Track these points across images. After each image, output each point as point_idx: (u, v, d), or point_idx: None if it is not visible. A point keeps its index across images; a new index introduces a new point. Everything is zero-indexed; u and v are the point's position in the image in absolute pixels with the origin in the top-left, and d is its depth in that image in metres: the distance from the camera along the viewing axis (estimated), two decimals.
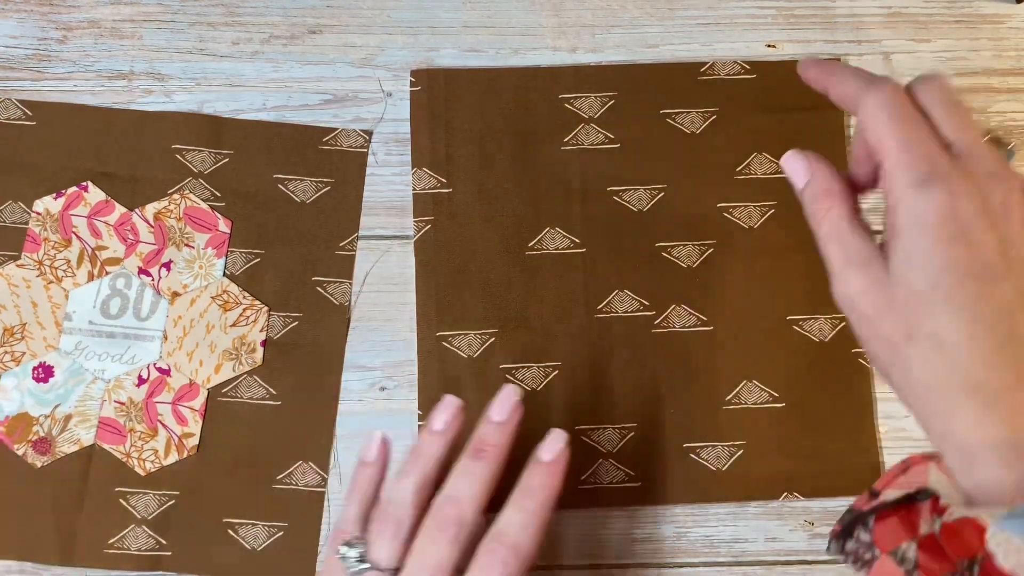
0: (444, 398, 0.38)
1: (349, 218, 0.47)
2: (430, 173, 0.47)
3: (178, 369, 0.45)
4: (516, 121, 0.48)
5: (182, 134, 0.47)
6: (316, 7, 0.50)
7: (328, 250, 0.47)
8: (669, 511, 0.44)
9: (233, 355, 0.45)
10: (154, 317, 0.45)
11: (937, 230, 0.30)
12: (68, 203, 0.47)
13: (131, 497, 0.44)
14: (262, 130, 0.48)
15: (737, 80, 0.49)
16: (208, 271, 0.46)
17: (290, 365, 0.45)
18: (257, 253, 0.46)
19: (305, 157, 0.47)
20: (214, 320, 0.45)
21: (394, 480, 0.36)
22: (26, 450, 0.44)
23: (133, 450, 0.44)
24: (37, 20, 0.49)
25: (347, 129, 0.48)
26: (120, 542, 0.43)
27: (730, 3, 0.50)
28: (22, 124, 0.47)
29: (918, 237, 0.31)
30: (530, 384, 0.45)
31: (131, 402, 0.44)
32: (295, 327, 0.46)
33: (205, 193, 0.47)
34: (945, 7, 0.50)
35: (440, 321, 0.46)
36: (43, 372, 0.45)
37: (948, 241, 0.30)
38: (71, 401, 0.44)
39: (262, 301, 0.46)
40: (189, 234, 0.46)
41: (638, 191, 0.47)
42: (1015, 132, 0.49)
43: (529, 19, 0.50)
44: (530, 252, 0.47)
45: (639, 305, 0.46)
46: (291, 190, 0.47)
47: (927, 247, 0.30)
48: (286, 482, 0.44)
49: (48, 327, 0.45)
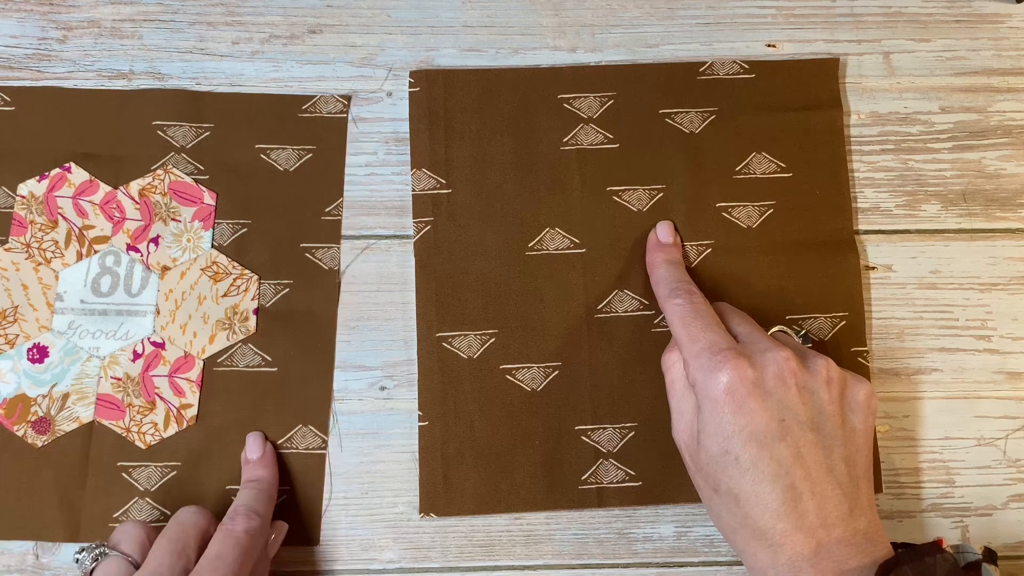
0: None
1: (333, 183, 0.47)
2: (429, 174, 0.47)
3: (172, 342, 0.45)
4: (515, 121, 0.48)
5: (162, 110, 0.48)
6: (316, 7, 0.50)
7: (315, 216, 0.47)
8: (669, 511, 0.44)
9: (226, 325, 0.45)
10: (145, 292, 0.46)
11: (722, 404, 0.37)
12: (52, 185, 0.47)
13: (133, 471, 0.44)
14: (241, 102, 0.48)
15: (736, 80, 0.49)
16: (196, 244, 0.46)
17: (284, 331, 0.45)
18: (244, 223, 0.47)
19: (285, 126, 0.48)
20: (205, 291, 0.46)
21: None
22: (26, 430, 0.44)
23: (132, 424, 0.44)
24: (37, 20, 0.49)
25: (326, 95, 0.48)
26: (125, 515, 0.43)
27: (730, 3, 0.50)
28: (1, 110, 0.47)
29: (709, 411, 0.38)
30: (530, 384, 0.45)
31: (127, 377, 0.45)
32: (286, 294, 0.46)
33: (189, 167, 0.47)
34: (945, 7, 0.50)
35: (440, 322, 0.46)
36: (38, 353, 0.45)
37: (732, 412, 0.37)
38: (68, 380, 0.45)
39: (252, 270, 0.46)
40: (175, 208, 0.47)
41: (637, 191, 0.47)
42: (1015, 132, 0.49)
43: (529, 19, 0.50)
44: (530, 252, 0.47)
45: (639, 305, 0.46)
46: (273, 159, 0.47)
47: (716, 418, 0.38)
48: (287, 446, 0.44)
49: (40, 308, 0.45)
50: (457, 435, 0.44)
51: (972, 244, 0.47)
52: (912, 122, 0.49)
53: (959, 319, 0.47)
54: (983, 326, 0.46)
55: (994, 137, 0.49)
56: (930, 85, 0.49)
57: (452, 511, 0.43)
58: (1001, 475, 0.45)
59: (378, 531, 0.44)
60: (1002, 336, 0.46)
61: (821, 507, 0.36)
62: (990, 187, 0.48)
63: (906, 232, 0.47)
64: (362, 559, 0.44)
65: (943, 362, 0.46)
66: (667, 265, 0.45)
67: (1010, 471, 0.45)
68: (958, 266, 0.47)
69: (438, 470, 0.44)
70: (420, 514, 0.44)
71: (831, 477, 0.37)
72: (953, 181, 0.48)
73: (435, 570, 0.43)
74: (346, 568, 0.44)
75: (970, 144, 0.49)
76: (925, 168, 0.48)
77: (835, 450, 0.38)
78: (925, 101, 0.49)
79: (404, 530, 0.44)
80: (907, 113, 0.49)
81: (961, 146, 0.49)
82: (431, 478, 0.44)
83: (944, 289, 0.47)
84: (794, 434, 0.37)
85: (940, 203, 0.48)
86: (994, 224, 0.48)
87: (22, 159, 0.47)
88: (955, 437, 0.45)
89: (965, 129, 0.49)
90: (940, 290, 0.47)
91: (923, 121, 0.49)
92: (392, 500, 0.44)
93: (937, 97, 0.49)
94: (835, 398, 0.38)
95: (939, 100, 0.49)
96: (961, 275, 0.47)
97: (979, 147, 0.48)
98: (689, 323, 0.41)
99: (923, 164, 0.48)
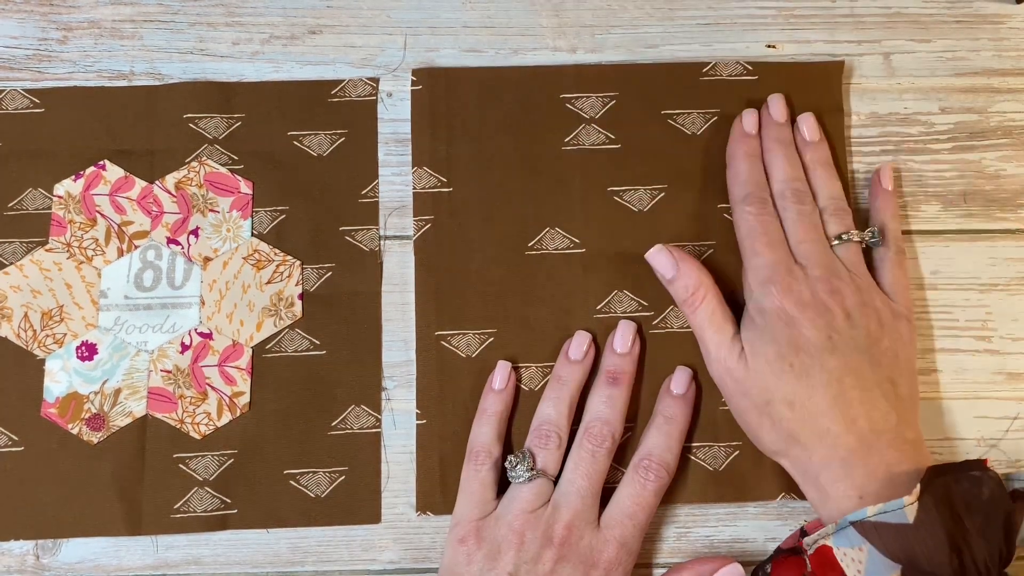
0: (577, 333, 0.45)
1: (367, 166, 0.48)
2: (430, 172, 0.47)
3: (220, 332, 0.45)
4: (517, 121, 0.48)
5: (191, 103, 0.48)
6: (316, 7, 0.50)
7: (351, 199, 0.47)
8: (669, 511, 0.44)
9: (272, 311, 0.46)
10: (189, 284, 0.46)
11: (775, 316, 0.41)
12: (88, 183, 0.47)
13: (190, 461, 0.44)
14: (270, 90, 0.48)
15: (739, 81, 0.48)
16: (236, 233, 0.47)
17: (330, 314, 0.46)
18: (282, 210, 0.47)
19: (315, 112, 0.48)
20: (248, 280, 0.46)
21: (544, 403, 0.43)
22: (80, 428, 0.44)
23: (186, 416, 0.44)
24: (37, 20, 0.49)
25: (354, 79, 0.49)
26: (185, 506, 0.43)
27: (730, 3, 0.50)
28: (30, 112, 0.48)
29: (763, 323, 0.41)
30: (528, 384, 0.45)
31: (177, 369, 0.45)
32: (329, 277, 0.46)
33: (223, 158, 0.47)
34: (945, 7, 0.50)
35: (439, 320, 0.46)
36: (87, 350, 0.45)
37: (785, 324, 0.40)
38: (118, 375, 0.45)
39: (293, 256, 0.46)
40: (212, 199, 0.47)
41: (638, 191, 0.47)
42: (1015, 132, 0.49)
43: (529, 19, 0.50)
44: (530, 252, 0.47)
45: (638, 305, 0.46)
46: (306, 145, 0.48)
47: (770, 329, 0.41)
48: (341, 427, 0.45)
49: (85, 307, 0.46)
50: (455, 434, 0.44)
51: (972, 245, 0.47)
52: (912, 123, 0.49)
53: (959, 319, 0.47)
54: (983, 326, 0.46)
55: (994, 138, 0.49)
56: (930, 86, 0.49)
57: (449, 510, 0.43)
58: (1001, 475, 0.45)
59: (378, 531, 0.44)
60: (1002, 336, 0.46)
61: (870, 414, 0.39)
62: (990, 188, 0.48)
63: (906, 232, 0.47)
64: (362, 559, 0.44)
65: (943, 362, 0.46)
66: (748, 160, 0.45)
67: (1010, 471, 0.45)
68: (958, 267, 0.47)
69: (435, 469, 0.44)
70: (417, 512, 0.44)
71: (878, 390, 0.39)
72: (953, 182, 0.48)
73: (435, 570, 0.43)
74: (346, 568, 0.44)
75: (970, 145, 0.49)
76: (925, 169, 0.48)
77: (880, 370, 0.40)
78: (925, 102, 0.49)
79: (404, 530, 0.44)
80: (907, 114, 0.49)
81: (961, 147, 0.49)
82: (428, 477, 0.44)
83: (944, 290, 0.47)
84: (841, 350, 0.40)
85: (940, 204, 0.48)
86: (994, 225, 0.48)
87: (56, 160, 0.47)
88: (955, 437, 0.45)
89: (965, 130, 0.49)
90: (940, 290, 0.47)
91: (923, 122, 0.49)
92: (392, 500, 0.44)
93: (937, 98, 0.49)
94: (878, 327, 0.41)
95: (939, 101, 0.49)
96: (961, 276, 0.47)
97: (979, 148, 0.48)
98: (756, 236, 0.43)
99: (923, 165, 0.48)
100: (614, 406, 0.42)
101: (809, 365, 0.39)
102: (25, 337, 0.45)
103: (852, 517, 0.36)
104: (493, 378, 0.44)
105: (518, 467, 0.41)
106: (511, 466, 0.41)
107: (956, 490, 0.35)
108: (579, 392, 0.43)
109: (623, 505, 0.41)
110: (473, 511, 0.41)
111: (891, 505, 0.35)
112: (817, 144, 0.46)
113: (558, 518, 0.40)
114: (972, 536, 0.35)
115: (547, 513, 0.40)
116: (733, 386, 0.41)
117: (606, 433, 0.42)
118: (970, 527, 0.35)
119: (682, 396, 0.43)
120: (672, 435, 0.42)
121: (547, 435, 0.42)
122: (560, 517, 0.40)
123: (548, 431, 0.42)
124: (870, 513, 0.36)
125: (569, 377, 0.43)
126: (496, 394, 0.44)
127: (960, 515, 0.35)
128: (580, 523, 0.40)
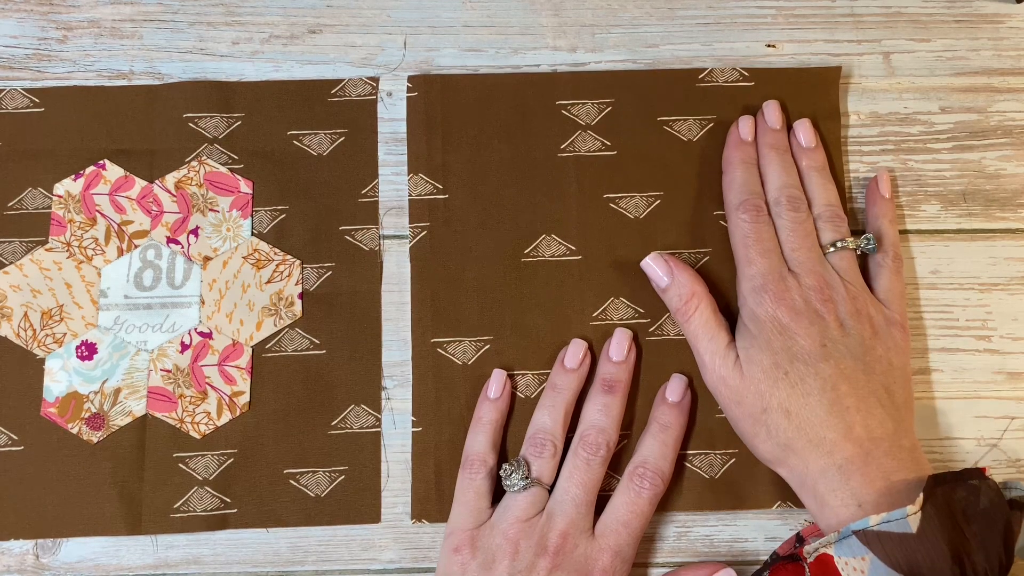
0: (573, 341, 0.44)
1: (367, 165, 0.48)
2: (426, 179, 0.47)
3: (219, 331, 0.45)
4: (512, 127, 0.48)
5: (191, 103, 0.48)
6: (316, 7, 0.50)
7: (351, 199, 0.47)
8: (669, 511, 0.44)
9: (272, 311, 0.46)
10: (188, 284, 0.46)
11: (769, 324, 0.41)
12: (88, 183, 0.47)
13: (190, 460, 0.44)
14: (270, 89, 0.48)
15: (735, 87, 0.48)
16: (236, 232, 0.47)
17: (330, 314, 0.46)
18: (282, 209, 0.47)
19: (315, 111, 0.48)
20: (248, 279, 0.46)
21: (539, 411, 0.43)
22: (80, 427, 0.44)
23: (185, 415, 0.44)
24: (37, 20, 0.49)
25: (353, 79, 0.49)
26: (185, 505, 0.44)
27: (730, 3, 0.50)
28: (30, 112, 0.48)
29: (757, 330, 0.41)
30: (524, 392, 0.45)
31: (177, 369, 0.45)
32: (329, 277, 0.46)
33: (223, 157, 0.47)
34: (945, 7, 0.50)
35: (435, 327, 0.45)
36: (86, 350, 0.45)
37: (779, 332, 0.40)
38: (118, 375, 0.45)
39: (293, 256, 0.46)
40: (212, 199, 0.47)
41: (635, 198, 0.47)
42: (1015, 132, 0.49)
43: (529, 19, 0.50)
44: (526, 259, 0.46)
45: (634, 312, 0.46)
46: (306, 144, 0.48)
47: (764, 337, 0.41)
48: (341, 427, 0.45)
49: (85, 306, 0.46)
50: (450, 441, 0.44)
51: (972, 244, 0.47)
52: (912, 122, 0.49)
53: (959, 319, 0.47)
54: (983, 326, 0.46)
55: (994, 137, 0.49)
56: (930, 85, 0.49)
57: (444, 518, 0.43)
58: (1001, 475, 0.45)
59: (378, 531, 0.44)
60: (1002, 336, 0.46)
61: (866, 421, 0.39)
62: (990, 187, 0.48)
63: (906, 232, 0.47)
64: (362, 559, 0.44)
65: (943, 362, 0.46)
66: (743, 167, 0.45)
67: (1010, 471, 0.45)
68: (958, 266, 0.47)
69: (431, 476, 0.44)
70: (412, 520, 0.44)
71: (874, 397, 0.39)
72: (953, 181, 0.48)
73: (435, 570, 0.43)
74: (346, 568, 0.44)
75: (970, 144, 0.49)
76: (925, 168, 0.48)
77: (875, 377, 0.40)
78: (925, 101, 0.49)
79: (404, 530, 0.44)
80: (907, 113, 0.49)
81: (961, 146, 0.49)
82: (423, 484, 0.44)
83: (944, 289, 0.47)
84: (835, 358, 0.40)
85: (940, 203, 0.48)
86: (994, 224, 0.48)
87: (56, 159, 0.47)
88: (955, 437, 0.45)
89: (965, 129, 0.49)
90: (940, 290, 0.47)
91: (923, 121, 0.49)
92: (392, 500, 0.44)
93: (937, 97, 0.49)
94: (872, 334, 0.41)
95: (939, 100, 0.49)
96: (961, 275, 0.47)
97: (979, 147, 0.48)
98: (750, 244, 0.43)
99: (923, 164, 0.48)
100: (609, 414, 0.42)
101: (804, 373, 0.40)
102: (25, 337, 0.45)
103: (855, 526, 0.36)
104: (488, 386, 0.44)
105: (513, 475, 0.41)
106: (506, 474, 0.41)
107: (955, 499, 0.35)
108: (575, 400, 0.43)
109: (618, 513, 0.41)
110: (468, 520, 0.41)
111: (895, 515, 0.35)
112: (813, 150, 0.46)
113: (552, 527, 0.40)
114: (973, 545, 0.34)
115: (542, 522, 0.40)
116: (728, 395, 0.41)
117: (601, 441, 0.42)
118: (970, 536, 0.35)
119: (677, 404, 0.43)
120: (667, 443, 0.42)
121: (542, 443, 0.42)
122: (555, 526, 0.40)
123: (543, 439, 0.42)
124: (873, 522, 0.35)
125: (565, 385, 0.43)
126: (491, 403, 0.44)
127: (960, 524, 0.35)
128: (575, 532, 0.40)
